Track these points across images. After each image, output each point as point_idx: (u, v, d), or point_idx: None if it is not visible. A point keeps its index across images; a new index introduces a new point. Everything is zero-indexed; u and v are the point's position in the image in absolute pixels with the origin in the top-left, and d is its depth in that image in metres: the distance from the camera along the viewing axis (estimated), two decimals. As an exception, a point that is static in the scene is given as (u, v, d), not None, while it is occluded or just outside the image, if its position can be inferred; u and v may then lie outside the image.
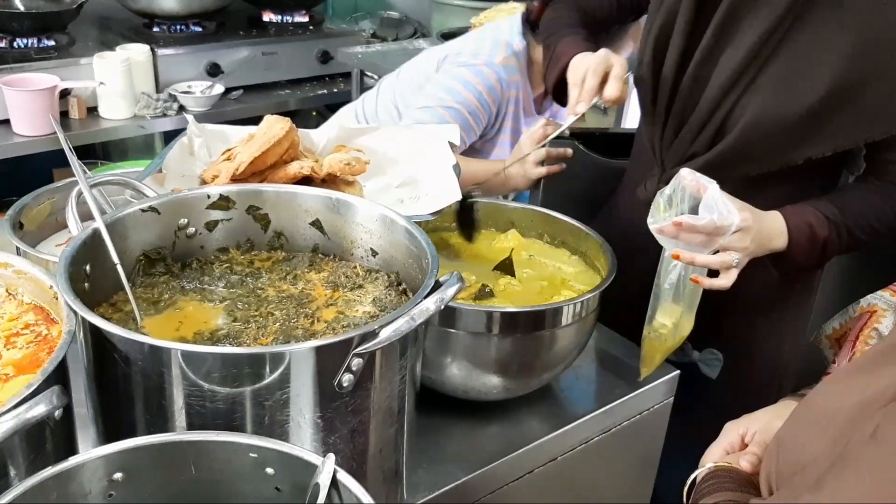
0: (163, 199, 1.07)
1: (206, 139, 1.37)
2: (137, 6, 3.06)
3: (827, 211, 1.31)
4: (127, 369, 0.83)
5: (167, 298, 1.04)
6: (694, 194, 1.18)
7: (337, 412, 0.86)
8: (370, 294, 1.07)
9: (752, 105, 1.28)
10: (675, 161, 1.38)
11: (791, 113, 1.26)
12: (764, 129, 1.28)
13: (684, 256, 1.19)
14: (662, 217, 1.19)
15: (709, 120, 1.33)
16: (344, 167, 1.28)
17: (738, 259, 1.21)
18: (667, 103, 1.37)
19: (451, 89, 1.86)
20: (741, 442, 1.04)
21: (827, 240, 1.30)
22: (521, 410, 1.29)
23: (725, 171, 1.31)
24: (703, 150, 1.34)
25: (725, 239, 1.18)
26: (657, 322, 1.27)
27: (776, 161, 1.31)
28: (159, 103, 2.86)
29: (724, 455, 1.03)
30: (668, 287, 1.24)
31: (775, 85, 1.27)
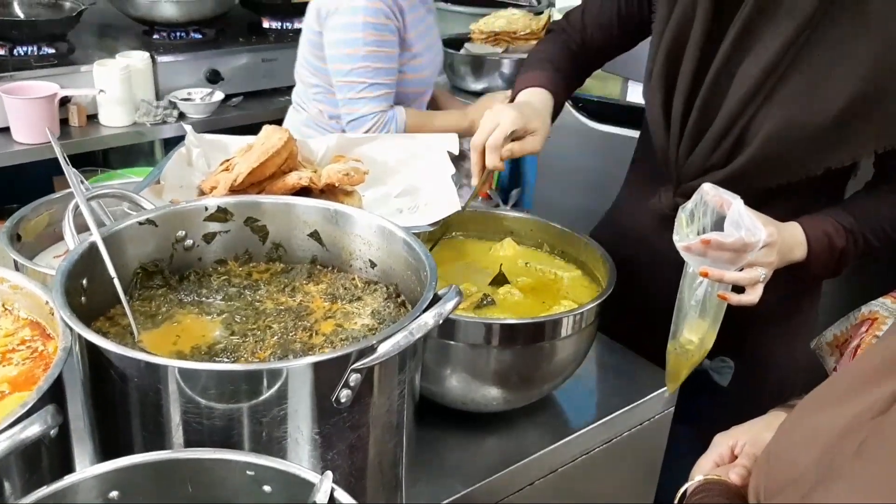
0: (160, 211, 1.07)
1: (205, 149, 1.37)
2: (137, 13, 3.06)
3: (844, 220, 1.30)
4: (123, 386, 0.82)
5: (165, 311, 1.03)
6: (717, 209, 1.17)
7: (335, 428, 0.85)
8: (369, 306, 1.06)
9: (773, 116, 1.27)
10: (692, 174, 1.37)
11: (812, 123, 1.25)
12: (785, 141, 1.27)
13: (713, 274, 1.17)
14: (686, 233, 1.17)
15: (727, 132, 1.31)
16: (342, 177, 1.28)
17: (765, 274, 1.20)
18: (682, 116, 1.35)
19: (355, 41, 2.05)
20: (731, 454, 1.03)
21: (844, 249, 1.29)
22: (521, 421, 1.28)
23: (745, 183, 1.29)
24: (721, 162, 1.33)
25: (753, 255, 1.17)
26: (684, 338, 1.26)
27: (797, 172, 1.30)
28: (159, 110, 2.86)
29: (714, 467, 1.02)
30: (695, 303, 1.23)
31: (796, 96, 1.26)
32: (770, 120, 1.28)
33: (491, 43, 2.80)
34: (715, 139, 1.33)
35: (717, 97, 1.32)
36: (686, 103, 1.35)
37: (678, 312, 1.26)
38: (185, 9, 3.05)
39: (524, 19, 2.82)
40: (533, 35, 2.77)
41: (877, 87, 1.22)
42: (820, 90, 1.25)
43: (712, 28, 1.30)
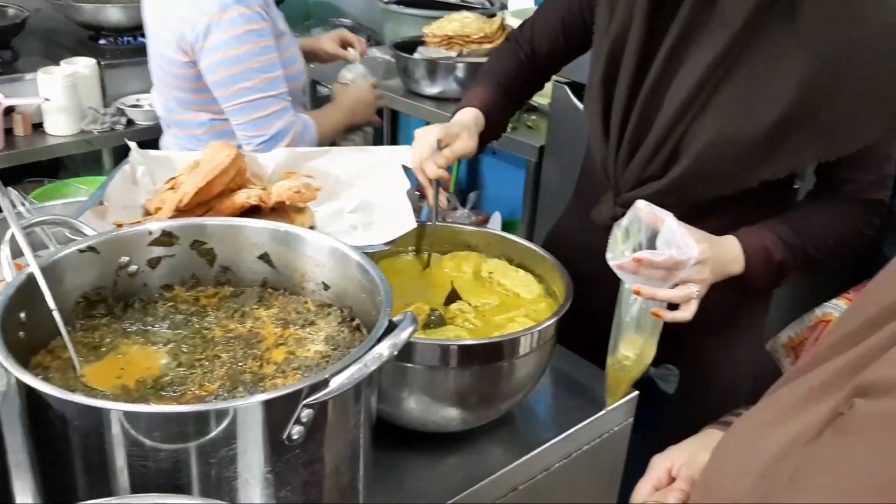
0: (102, 237, 1.02)
1: (150, 166, 1.33)
2: (83, 19, 2.99)
3: (783, 233, 1.30)
4: (64, 429, 0.79)
5: (108, 342, 0.99)
6: (651, 226, 1.17)
7: (287, 465, 0.82)
8: (322, 331, 1.03)
9: (707, 128, 1.27)
10: (630, 184, 1.37)
11: (746, 135, 1.25)
12: (719, 153, 1.27)
13: (645, 292, 1.18)
14: (620, 250, 1.17)
15: (663, 143, 1.31)
16: (294, 195, 1.25)
17: (698, 291, 1.20)
18: (619, 126, 1.35)
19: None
20: (668, 476, 1.02)
21: (783, 262, 1.30)
22: (481, 440, 1.26)
23: (681, 194, 1.30)
24: (658, 173, 1.33)
25: (685, 272, 1.17)
26: (621, 354, 1.26)
27: (732, 184, 1.30)
28: (107, 118, 2.80)
29: (653, 491, 1.02)
30: (630, 320, 1.23)
31: (730, 108, 1.26)
32: (704, 132, 1.28)
33: (445, 46, 2.78)
34: (651, 150, 1.33)
35: (653, 108, 1.32)
36: (624, 114, 1.35)
37: (616, 328, 1.26)
38: (131, 13, 2.98)
39: (477, 22, 2.80)
40: (486, 38, 2.75)
41: (809, 100, 1.22)
42: (752, 103, 1.25)
43: (648, 39, 1.31)
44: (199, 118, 2.09)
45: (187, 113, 2.10)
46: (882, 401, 0.58)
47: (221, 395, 0.91)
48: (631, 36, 1.31)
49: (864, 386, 0.60)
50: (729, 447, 0.83)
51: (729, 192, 1.31)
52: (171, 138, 2.21)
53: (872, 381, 0.59)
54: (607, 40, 1.35)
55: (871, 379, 0.60)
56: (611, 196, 1.40)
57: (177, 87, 2.05)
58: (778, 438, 0.71)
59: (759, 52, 1.23)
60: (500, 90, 1.55)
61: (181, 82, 2.03)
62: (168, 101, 2.13)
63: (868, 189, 1.33)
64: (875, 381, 0.59)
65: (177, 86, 2.05)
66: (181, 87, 2.04)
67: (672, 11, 1.27)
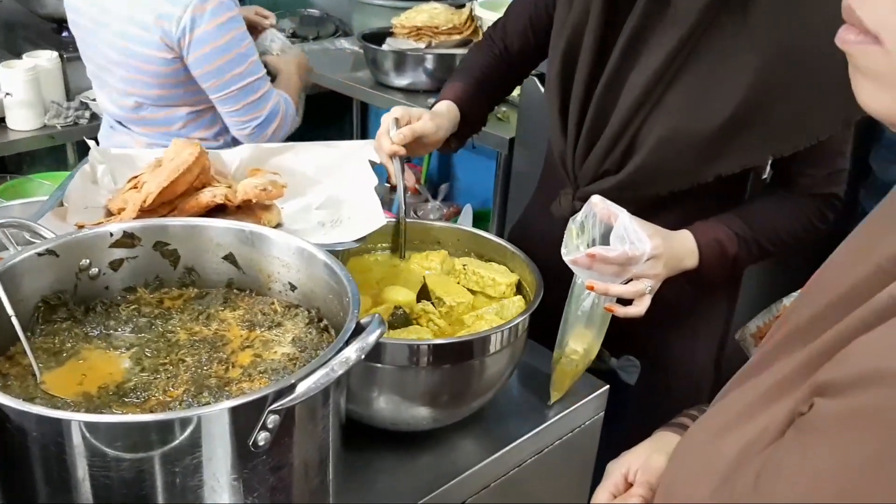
0: (61, 240, 1.00)
1: (110, 165, 1.30)
2: (45, 11, 2.93)
3: (736, 227, 1.32)
4: (22, 440, 0.77)
5: (70, 348, 0.97)
6: (605, 221, 1.18)
7: (254, 472, 0.81)
8: (290, 333, 1.02)
9: (660, 124, 1.28)
10: (588, 178, 1.37)
11: (699, 131, 1.26)
12: (673, 148, 1.28)
13: (598, 287, 1.18)
14: (575, 245, 1.17)
15: (619, 139, 1.31)
16: (260, 193, 1.23)
17: (651, 286, 1.21)
18: (577, 121, 1.36)
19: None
20: (625, 482, 1.02)
21: (737, 255, 1.31)
22: (453, 437, 1.26)
23: (638, 189, 1.31)
24: (614, 168, 1.33)
25: (638, 268, 1.18)
26: (569, 348, 1.26)
27: (687, 179, 1.31)
28: (70, 112, 2.75)
29: (612, 498, 1.01)
30: (581, 314, 1.23)
31: (682, 104, 1.26)
32: (658, 127, 1.28)
33: (413, 38, 2.76)
34: (607, 145, 1.33)
35: (609, 104, 1.32)
36: (581, 108, 1.36)
37: (564, 322, 1.27)
38: (94, 5, 2.92)
39: (446, 13, 2.78)
40: (455, 29, 2.74)
41: (761, 97, 1.23)
42: (705, 99, 1.25)
43: (604, 35, 1.31)
44: (177, 113, 2.08)
45: (162, 110, 2.08)
46: (842, 399, 0.57)
47: (186, 400, 0.89)
48: (587, 31, 1.31)
49: (823, 385, 0.60)
50: (687, 452, 0.82)
51: (684, 186, 1.31)
52: (132, 137, 2.16)
53: (831, 379, 0.59)
54: (564, 35, 1.36)
55: (829, 378, 0.59)
56: (570, 190, 1.41)
57: (157, 84, 2.02)
58: (737, 441, 0.70)
59: (712, 49, 1.24)
60: (475, 84, 1.55)
61: (163, 80, 2.01)
62: (138, 100, 2.08)
63: (821, 184, 1.34)
64: (833, 380, 0.59)
65: (157, 84, 2.02)
66: (162, 85, 2.02)
67: (627, 7, 1.28)
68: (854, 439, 0.55)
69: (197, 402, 0.88)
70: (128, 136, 2.18)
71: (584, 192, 1.35)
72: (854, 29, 0.62)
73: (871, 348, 0.57)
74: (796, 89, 1.22)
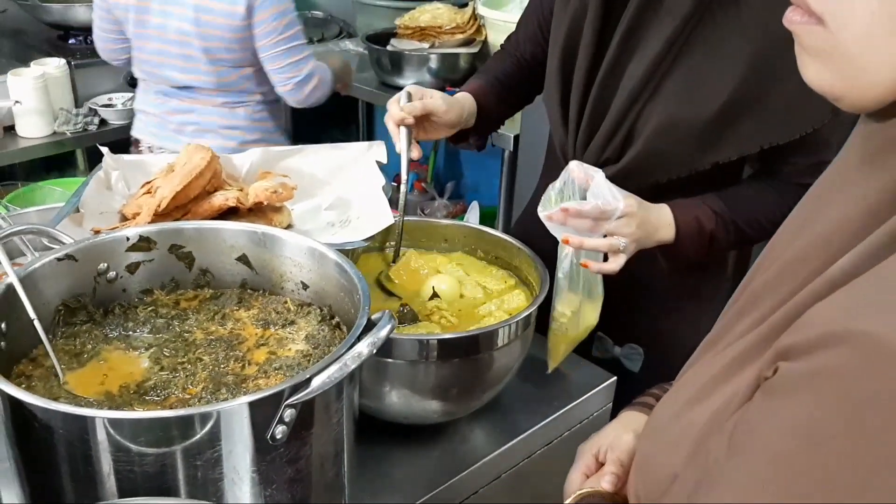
0: (79, 245, 1.03)
1: (123, 171, 1.33)
2: (51, 19, 2.96)
3: (714, 205, 1.34)
4: (49, 437, 0.80)
5: (90, 349, 1.00)
6: (582, 185, 1.22)
7: (272, 464, 0.84)
8: (303, 330, 1.05)
9: (657, 112, 1.30)
10: None
11: (695, 119, 1.29)
12: (669, 136, 1.30)
13: (573, 241, 1.22)
14: (552, 206, 1.22)
15: (618, 127, 1.34)
16: (271, 195, 1.26)
17: (625, 244, 1.24)
18: (577, 111, 1.39)
19: None
20: (596, 462, 1.03)
21: (714, 233, 1.34)
22: (463, 429, 1.28)
23: (637, 178, 1.34)
24: (614, 157, 1.36)
25: (611, 224, 1.21)
26: (557, 311, 1.29)
27: (685, 166, 1.33)
28: (79, 118, 2.78)
29: (584, 479, 1.02)
30: (563, 276, 1.26)
31: (679, 92, 1.29)
32: (655, 116, 1.31)
33: (417, 38, 2.79)
34: (606, 135, 1.36)
35: (608, 93, 1.35)
36: (581, 99, 1.39)
37: (554, 290, 1.29)
38: (100, 12, 2.95)
39: (449, 13, 2.80)
40: (458, 29, 2.76)
41: (754, 84, 1.25)
42: (700, 87, 1.28)
43: (603, 27, 1.34)
44: (244, 73, 2.44)
45: (234, 71, 2.43)
46: (805, 361, 0.60)
47: (205, 397, 0.92)
48: (586, 25, 1.34)
49: (786, 349, 0.62)
50: (657, 425, 0.84)
51: (682, 174, 1.34)
52: (196, 101, 2.48)
53: (792, 343, 0.62)
54: (563, 30, 1.39)
55: (791, 342, 0.62)
56: None
57: (235, 49, 2.36)
58: (705, 410, 0.73)
59: (707, 38, 1.26)
60: (495, 82, 1.57)
61: (236, 44, 2.35)
62: (217, 65, 2.40)
63: (805, 173, 1.33)
64: (795, 344, 0.61)
65: (235, 48, 2.36)
66: (234, 49, 2.36)
67: (624, 1, 1.30)
68: (820, 395, 0.58)
69: (215, 399, 0.91)
70: (193, 101, 2.48)
71: None
72: (800, 10, 0.66)
73: (829, 312, 0.60)
74: (789, 77, 1.24)
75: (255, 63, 2.41)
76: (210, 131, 2.44)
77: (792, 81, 1.25)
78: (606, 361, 1.43)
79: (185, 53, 2.37)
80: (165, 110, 2.49)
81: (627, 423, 1.03)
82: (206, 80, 2.41)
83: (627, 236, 1.24)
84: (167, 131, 2.50)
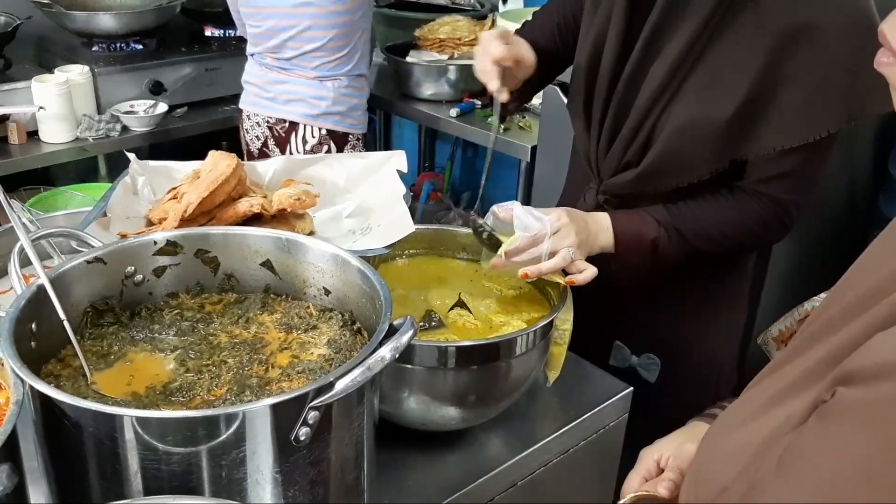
0: (108, 248, 1.05)
1: (150, 177, 1.35)
2: (75, 26, 3.00)
3: (657, 214, 1.36)
4: (79, 435, 0.82)
5: (117, 350, 1.02)
6: (507, 221, 1.27)
7: (295, 465, 0.86)
8: (325, 335, 1.06)
9: (677, 114, 1.32)
10: (610, 171, 1.42)
11: (712, 119, 1.30)
12: (689, 137, 1.32)
13: (531, 271, 1.25)
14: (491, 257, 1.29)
15: (639, 129, 1.36)
16: (294, 202, 1.28)
17: (573, 251, 1.27)
18: (601, 114, 1.40)
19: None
20: (657, 468, 1.06)
21: (656, 240, 1.35)
22: (480, 437, 1.29)
23: (658, 180, 1.35)
24: (636, 159, 1.38)
25: (552, 243, 1.25)
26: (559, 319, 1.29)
27: (704, 168, 1.34)
28: (101, 125, 2.81)
29: (643, 483, 1.05)
30: None
31: (697, 93, 1.30)
32: (675, 117, 1.33)
33: (436, 49, 2.81)
34: (628, 137, 1.38)
35: (630, 97, 1.37)
36: (604, 104, 1.40)
37: None
38: (124, 20, 2.99)
39: (468, 25, 2.83)
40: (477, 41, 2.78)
41: (771, 84, 1.26)
42: (719, 88, 1.29)
43: (627, 32, 1.36)
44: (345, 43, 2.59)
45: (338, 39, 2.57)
46: (862, 389, 0.61)
47: (229, 399, 0.94)
48: (610, 30, 1.36)
49: (845, 375, 0.63)
50: (716, 437, 0.86)
51: (703, 176, 1.35)
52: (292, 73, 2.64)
53: (852, 369, 0.63)
54: (590, 37, 1.41)
55: (851, 368, 0.63)
56: (594, 185, 1.45)
57: (331, 25, 2.52)
58: (763, 427, 0.74)
59: (725, 39, 1.28)
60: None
61: (329, 20, 2.50)
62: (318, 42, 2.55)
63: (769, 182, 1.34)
64: (855, 370, 0.62)
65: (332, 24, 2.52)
66: (334, 25, 2.51)
67: (648, 6, 1.32)
68: (873, 424, 0.59)
69: (239, 401, 0.93)
70: (289, 73, 2.64)
71: (608, 186, 1.41)
72: (887, 52, 0.68)
73: (890, 343, 0.61)
74: (802, 77, 1.25)
75: (354, 32, 2.54)
76: (299, 100, 2.63)
77: (806, 82, 1.27)
78: (623, 371, 1.44)
79: (296, 24, 2.52)
80: (266, 81, 2.67)
81: (693, 434, 1.04)
82: (309, 49, 2.55)
83: (571, 245, 1.27)
84: (263, 100, 2.70)
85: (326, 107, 2.62)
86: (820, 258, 1.69)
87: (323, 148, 2.66)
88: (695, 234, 1.36)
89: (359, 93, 2.65)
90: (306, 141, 2.66)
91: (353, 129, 2.66)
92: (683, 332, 1.51)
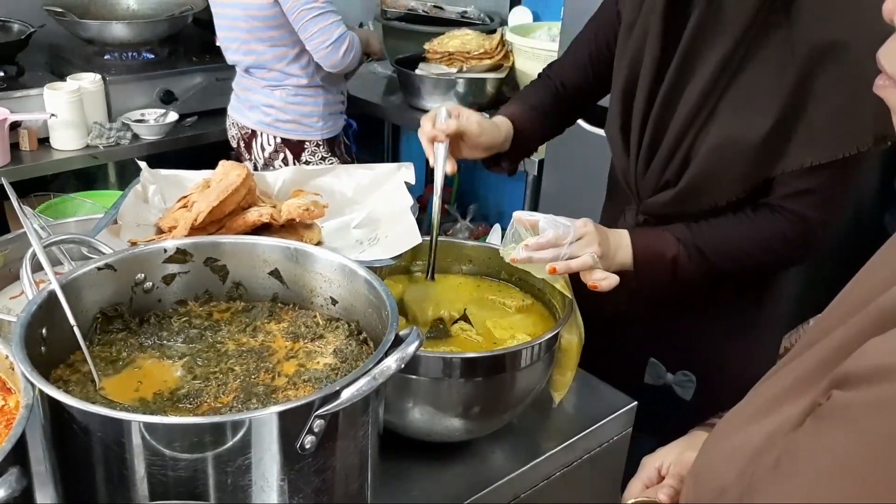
0: (118, 255, 1.06)
1: (160, 185, 1.37)
2: (87, 35, 3.03)
3: (678, 232, 1.35)
4: (86, 439, 0.82)
5: (125, 357, 1.03)
6: (531, 230, 1.29)
7: (300, 474, 0.86)
8: (331, 345, 1.07)
9: (713, 133, 1.32)
10: (649, 191, 1.42)
11: (748, 138, 1.30)
12: (725, 156, 1.32)
13: (560, 266, 1.26)
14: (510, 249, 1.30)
15: (677, 149, 1.36)
16: (303, 213, 1.29)
17: (594, 258, 1.27)
18: (638, 135, 1.41)
19: None
20: (658, 475, 1.07)
21: (677, 258, 1.34)
22: (484, 449, 1.30)
23: (696, 200, 1.35)
24: (674, 179, 1.38)
25: (572, 247, 1.26)
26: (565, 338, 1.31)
27: (739, 186, 1.34)
28: (112, 133, 2.84)
29: (644, 489, 1.06)
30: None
31: (732, 111, 1.31)
32: (711, 137, 1.33)
33: (445, 63, 2.83)
34: (665, 157, 1.38)
35: (667, 117, 1.38)
36: (641, 125, 1.41)
37: None
38: (136, 29, 3.03)
39: (477, 39, 2.84)
40: (486, 54, 2.80)
41: (802, 100, 1.26)
42: (752, 106, 1.29)
43: (663, 54, 1.37)
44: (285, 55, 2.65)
45: (270, 51, 2.64)
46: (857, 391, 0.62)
47: (236, 406, 0.94)
48: (646, 53, 1.37)
49: (840, 378, 0.64)
50: (716, 440, 0.87)
51: (740, 195, 1.34)
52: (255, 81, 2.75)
53: (847, 373, 0.64)
54: (625, 61, 1.41)
55: (846, 371, 0.64)
56: (634, 205, 1.45)
57: (264, 32, 2.58)
58: (762, 429, 0.75)
59: (758, 57, 1.28)
60: (530, 109, 1.58)
61: (266, 23, 2.56)
62: (256, 44, 2.63)
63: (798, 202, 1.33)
64: (850, 374, 0.63)
65: (263, 31, 2.58)
66: (267, 28, 2.57)
67: (682, 26, 1.33)
68: (868, 425, 0.60)
69: (246, 408, 0.94)
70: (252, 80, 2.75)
71: (647, 206, 1.41)
72: (884, 75, 0.71)
73: (885, 346, 0.62)
74: (833, 93, 1.25)
75: (292, 44, 2.60)
76: (256, 108, 2.74)
77: (835, 100, 1.27)
78: (658, 388, 1.43)
79: (239, 36, 2.63)
80: (240, 88, 2.81)
81: (693, 442, 1.06)
82: (255, 59, 2.66)
83: (594, 252, 1.28)
84: (236, 105, 2.84)
85: (276, 114, 2.71)
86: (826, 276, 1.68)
87: (279, 156, 2.74)
88: (715, 252, 1.35)
89: (312, 100, 2.71)
90: (264, 148, 2.76)
91: (310, 136, 2.72)
92: (720, 350, 1.50)
